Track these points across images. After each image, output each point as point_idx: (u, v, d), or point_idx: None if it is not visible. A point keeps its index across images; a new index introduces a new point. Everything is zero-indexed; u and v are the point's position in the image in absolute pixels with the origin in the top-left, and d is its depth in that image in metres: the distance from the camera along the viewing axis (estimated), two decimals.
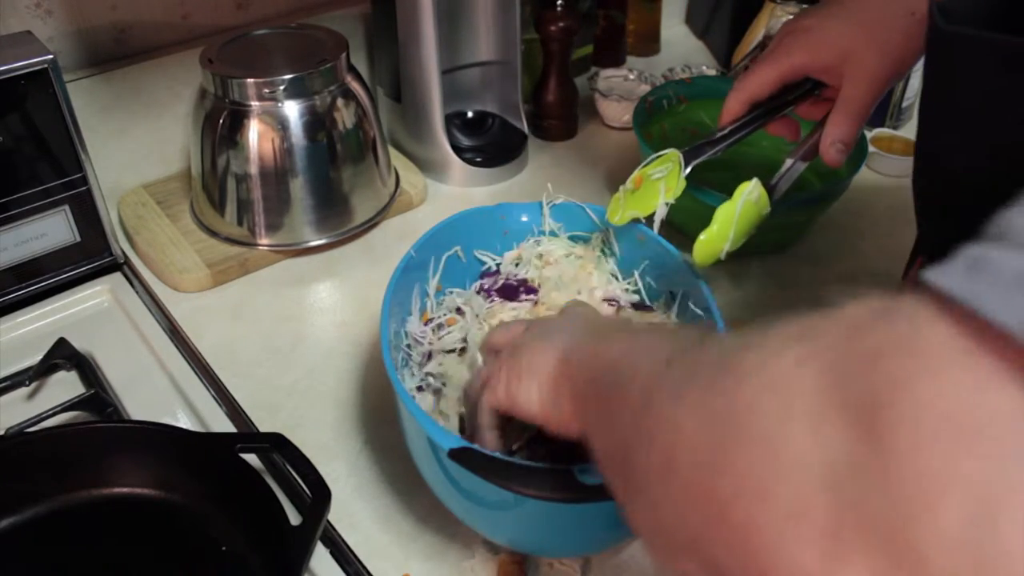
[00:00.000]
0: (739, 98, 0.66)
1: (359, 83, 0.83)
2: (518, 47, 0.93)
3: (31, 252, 0.73)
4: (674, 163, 0.64)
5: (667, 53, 1.25)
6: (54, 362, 0.68)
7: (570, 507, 0.43)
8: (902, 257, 0.59)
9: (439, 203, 0.92)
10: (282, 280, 0.81)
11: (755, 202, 0.62)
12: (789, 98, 0.66)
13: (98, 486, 0.57)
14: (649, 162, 0.66)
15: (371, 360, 0.71)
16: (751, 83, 0.65)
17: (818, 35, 0.62)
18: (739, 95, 0.66)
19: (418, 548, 0.56)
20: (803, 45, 0.63)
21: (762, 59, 0.65)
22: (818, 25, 0.63)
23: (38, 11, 0.82)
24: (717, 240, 0.60)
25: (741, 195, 0.61)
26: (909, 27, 0.58)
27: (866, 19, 0.61)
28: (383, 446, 0.63)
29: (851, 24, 0.61)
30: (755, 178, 0.62)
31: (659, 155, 0.66)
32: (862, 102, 0.61)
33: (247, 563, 0.53)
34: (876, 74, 0.60)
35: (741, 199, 0.61)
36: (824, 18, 0.63)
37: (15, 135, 0.68)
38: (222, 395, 0.67)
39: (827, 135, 0.63)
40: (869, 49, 0.60)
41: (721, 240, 0.60)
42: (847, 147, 0.63)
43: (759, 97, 0.66)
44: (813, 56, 0.63)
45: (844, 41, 0.61)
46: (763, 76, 0.65)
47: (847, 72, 0.61)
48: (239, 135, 0.77)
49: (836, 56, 0.61)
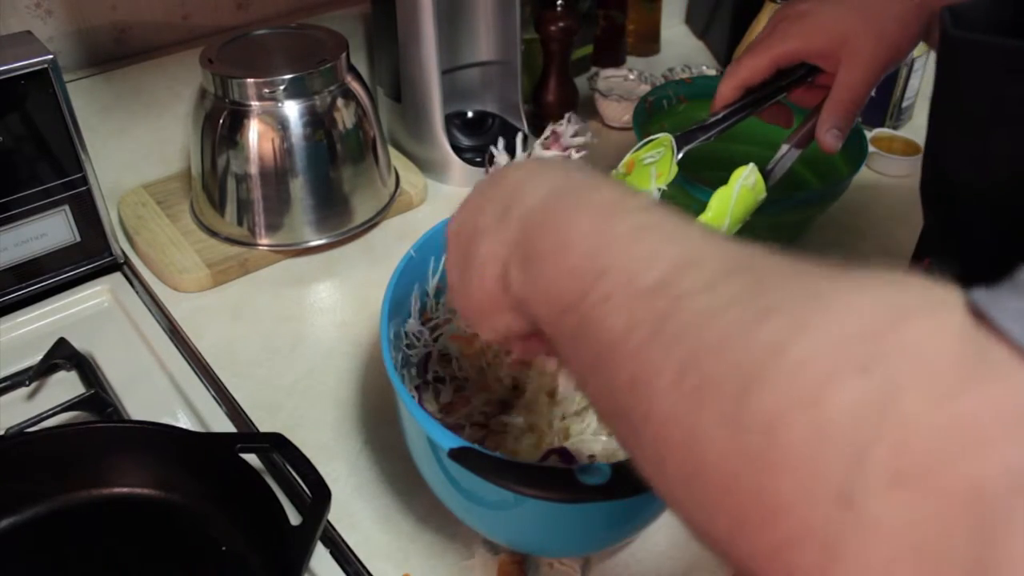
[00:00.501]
0: (732, 83, 0.65)
1: (359, 83, 0.83)
2: (518, 47, 0.93)
3: (31, 252, 0.73)
4: (666, 148, 0.63)
5: (667, 53, 1.25)
6: (54, 362, 0.68)
7: (570, 507, 0.43)
8: (902, 257, 0.59)
9: (439, 203, 0.92)
10: (282, 280, 0.81)
11: (751, 187, 0.61)
12: (782, 84, 0.66)
13: (98, 486, 0.57)
14: (641, 146, 0.66)
15: (371, 360, 0.71)
16: (744, 68, 0.65)
17: (813, 20, 0.62)
18: (732, 80, 0.65)
19: (418, 548, 0.56)
20: (798, 30, 0.62)
21: (755, 44, 0.65)
22: (813, 10, 0.62)
23: (38, 11, 0.82)
24: (714, 224, 0.60)
25: (737, 180, 0.61)
26: (905, 12, 0.58)
27: (862, 4, 0.60)
28: (383, 446, 0.63)
29: (847, 9, 0.60)
30: (751, 163, 0.62)
31: (651, 139, 0.65)
32: (858, 88, 0.61)
33: (247, 563, 0.53)
34: (872, 60, 0.60)
35: (737, 184, 0.61)
36: (819, 3, 0.62)
37: (15, 135, 0.68)
38: (222, 395, 0.67)
39: (823, 121, 0.63)
40: (865, 34, 0.59)
41: (717, 226, 0.60)
42: (843, 133, 0.63)
43: (752, 82, 0.65)
44: (808, 41, 0.62)
45: (840, 26, 0.60)
46: (756, 61, 0.64)
47: (843, 57, 0.60)
48: (239, 135, 0.77)
49: (831, 41, 0.61)
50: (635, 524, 0.52)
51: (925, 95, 0.72)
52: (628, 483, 0.41)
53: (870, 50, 0.59)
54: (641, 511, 0.49)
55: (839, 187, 0.79)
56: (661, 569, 0.55)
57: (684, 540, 0.56)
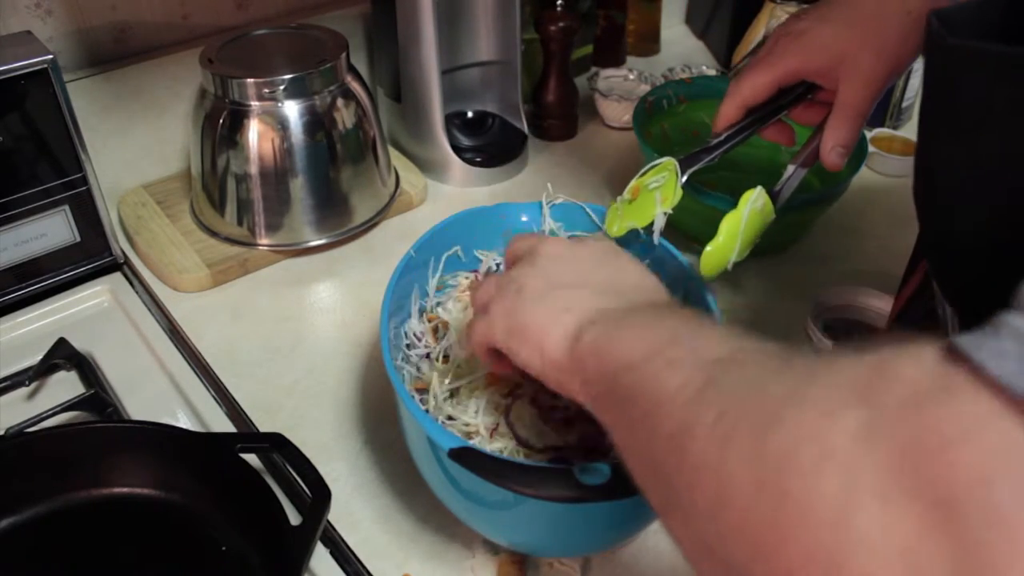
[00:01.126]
0: (734, 103, 0.65)
1: (359, 83, 0.83)
2: (518, 47, 0.93)
3: (31, 252, 0.73)
4: (670, 172, 0.64)
5: (667, 53, 1.25)
6: (54, 362, 0.68)
7: (570, 507, 0.43)
8: (902, 257, 0.59)
9: (439, 203, 0.92)
10: (282, 280, 0.81)
11: (760, 210, 0.62)
12: (783, 102, 0.66)
13: (98, 486, 0.57)
14: (645, 172, 0.66)
15: (371, 360, 0.71)
16: (745, 88, 0.65)
17: (811, 38, 0.62)
18: (734, 100, 0.65)
19: (418, 548, 0.56)
20: (797, 49, 0.62)
21: (756, 63, 0.65)
22: (811, 28, 0.62)
23: (38, 11, 0.82)
24: (724, 251, 0.60)
25: (746, 204, 0.61)
26: (905, 25, 0.58)
27: (860, 19, 0.60)
28: (383, 446, 0.63)
29: (845, 26, 0.60)
30: (759, 186, 0.62)
31: (655, 164, 0.66)
32: (860, 105, 0.61)
33: (247, 563, 0.53)
34: (872, 75, 0.60)
35: (747, 208, 0.61)
36: (817, 20, 0.62)
37: (15, 135, 0.68)
38: (222, 395, 0.67)
39: (827, 140, 0.63)
40: (864, 50, 0.59)
41: (728, 251, 0.60)
42: (847, 151, 0.63)
43: (754, 102, 0.65)
44: (807, 59, 0.62)
45: (838, 44, 0.60)
46: (758, 80, 0.64)
47: (843, 75, 0.60)
48: (239, 135, 0.77)
49: (831, 59, 0.61)
50: (635, 524, 0.52)
51: None
52: (628, 483, 0.41)
53: (870, 66, 0.59)
54: (641, 511, 0.49)
55: (839, 187, 0.80)
56: (661, 569, 0.55)
57: None
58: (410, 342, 0.60)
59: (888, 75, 0.60)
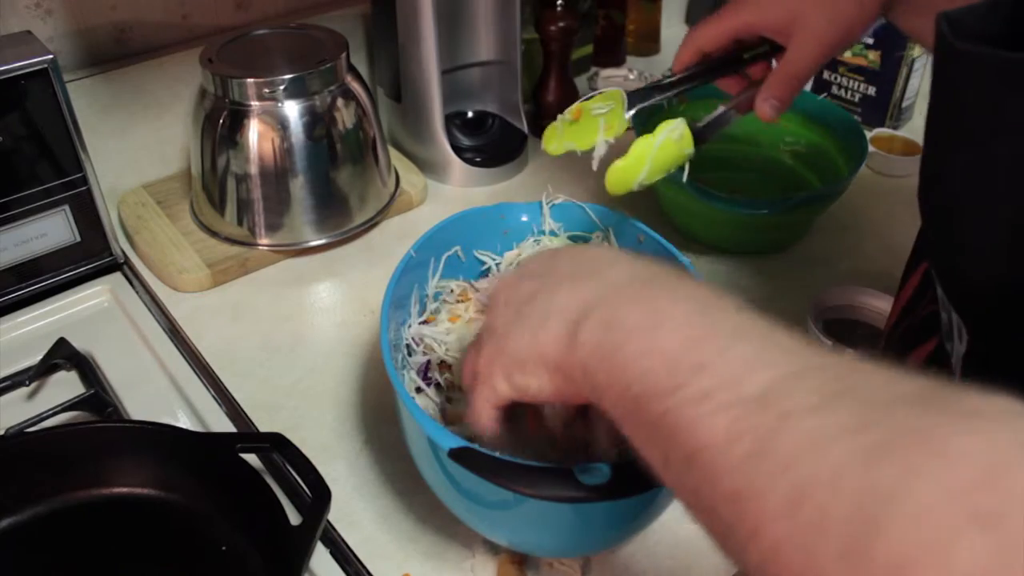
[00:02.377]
0: (688, 49, 0.66)
1: (359, 83, 0.83)
2: (518, 47, 0.93)
3: (31, 252, 0.73)
4: (617, 102, 0.64)
5: (667, 53, 1.25)
6: (54, 362, 0.68)
7: (570, 507, 0.43)
8: (902, 257, 0.59)
9: (439, 203, 0.92)
10: (282, 280, 0.81)
11: (676, 140, 0.61)
12: (745, 56, 0.66)
13: (98, 486, 0.57)
14: (591, 96, 0.66)
15: (371, 360, 0.71)
16: (699, 35, 0.65)
17: None
18: (688, 46, 0.66)
19: (418, 548, 0.56)
20: (753, 2, 0.63)
21: (716, 14, 0.65)
22: None
23: (38, 11, 0.82)
24: (631, 170, 0.60)
25: (663, 130, 0.61)
26: None
27: None
28: (383, 446, 0.63)
29: None
30: (680, 117, 0.62)
31: (602, 91, 0.65)
32: (804, 64, 0.61)
33: (247, 563, 0.53)
34: (822, 38, 0.60)
35: (662, 134, 0.61)
36: None
37: (15, 135, 0.68)
38: (222, 395, 0.67)
39: (764, 90, 0.63)
40: (818, 12, 0.60)
41: (634, 171, 0.60)
42: (783, 105, 0.63)
43: (707, 49, 0.66)
44: (761, 14, 0.62)
45: (793, 2, 0.61)
46: (711, 30, 0.65)
47: (794, 33, 0.61)
48: (239, 135, 0.77)
49: (784, 16, 0.61)
50: (635, 524, 0.52)
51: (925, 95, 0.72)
52: (628, 483, 0.41)
53: (822, 28, 0.60)
54: (641, 511, 0.49)
55: (839, 187, 0.80)
56: (661, 569, 0.55)
57: (684, 540, 0.56)
58: (410, 342, 0.60)
59: (839, 40, 0.61)
